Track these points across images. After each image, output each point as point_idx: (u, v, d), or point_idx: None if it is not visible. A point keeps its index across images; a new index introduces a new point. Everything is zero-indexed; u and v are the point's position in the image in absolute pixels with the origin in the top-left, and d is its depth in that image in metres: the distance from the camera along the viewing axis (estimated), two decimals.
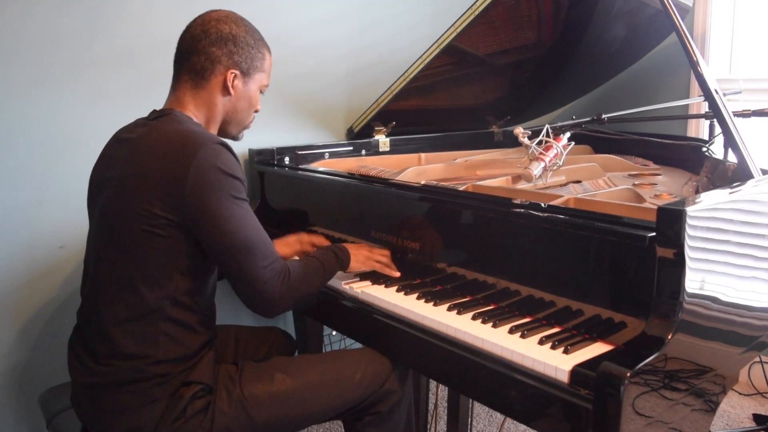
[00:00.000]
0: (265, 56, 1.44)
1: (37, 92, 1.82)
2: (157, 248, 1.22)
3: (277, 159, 2.13)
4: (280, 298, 1.29)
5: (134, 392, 1.24)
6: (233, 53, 1.36)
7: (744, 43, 2.69)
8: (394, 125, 2.38)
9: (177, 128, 1.28)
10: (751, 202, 1.28)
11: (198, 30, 1.35)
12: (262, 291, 1.26)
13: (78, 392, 1.34)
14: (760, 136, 2.39)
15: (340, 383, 1.41)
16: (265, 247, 1.28)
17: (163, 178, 1.21)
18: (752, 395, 2.58)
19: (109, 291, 1.25)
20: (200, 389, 1.29)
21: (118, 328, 1.24)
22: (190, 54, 1.35)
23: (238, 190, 1.25)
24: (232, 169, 1.25)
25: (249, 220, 1.26)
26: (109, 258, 1.26)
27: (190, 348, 1.29)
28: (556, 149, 1.73)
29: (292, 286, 1.31)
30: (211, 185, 1.21)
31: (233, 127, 1.46)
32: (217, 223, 1.22)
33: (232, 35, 1.36)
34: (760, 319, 1.30)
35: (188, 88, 1.37)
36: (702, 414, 1.19)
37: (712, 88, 1.45)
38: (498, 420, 2.39)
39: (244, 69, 1.39)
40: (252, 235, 1.26)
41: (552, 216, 1.28)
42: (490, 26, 2.07)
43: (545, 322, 1.27)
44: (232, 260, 1.25)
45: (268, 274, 1.27)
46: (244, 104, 1.43)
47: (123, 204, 1.24)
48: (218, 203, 1.21)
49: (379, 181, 1.73)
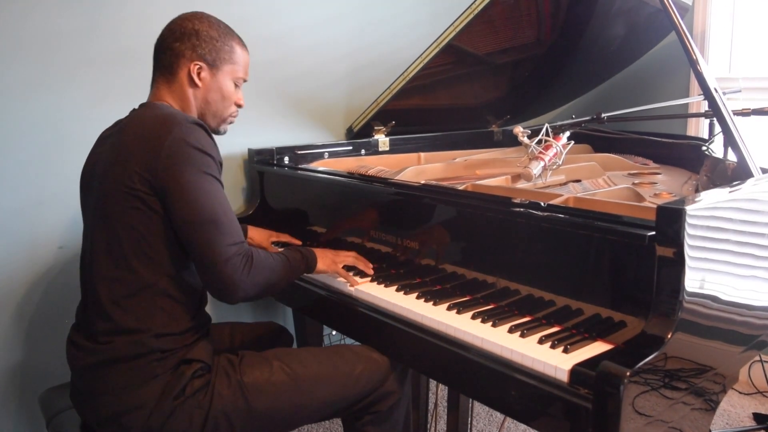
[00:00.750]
0: (233, 49, 1.47)
1: (37, 92, 1.82)
2: (144, 224, 1.27)
3: (276, 159, 2.13)
4: (240, 280, 1.28)
5: (135, 368, 1.27)
6: (196, 46, 1.41)
7: (743, 42, 2.69)
8: (393, 125, 2.38)
9: (155, 112, 1.33)
10: (751, 201, 1.28)
11: (166, 31, 1.44)
12: (222, 270, 1.26)
13: (77, 380, 1.35)
14: (759, 135, 2.39)
15: (339, 376, 1.41)
16: (232, 227, 1.29)
17: (141, 155, 1.25)
18: (752, 394, 2.58)
19: (106, 271, 1.29)
20: (200, 368, 1.32)
21: (116, 306, 1.28)
22: (159, 53, 1.43)
23: (210, 166, 1.28)
24: (205, 146, 1.28)
25: (219, 197, 1.28)
26: (103, 240, 1.30)
27: (186, 324, 1.33)
28: (556, 148, 1.73)
29: (254, 272, 1.30)
30: (183, 158, 1.25)
31: (210, 119, 1.48)
32: (185, 195, 1.24)
33: (195, 30, 1.41)
34: (759, 318, 1.30)
35: (162, 83, 1.43)
36: (702, 413, 1.19)
37: (711, 87, 1.45)
38: (498, 419, 2.39)
39: (209, 61, 1.42)
40: (219, 211, 1.27)
41: (551, 215, 1.28)
42: (490, 25, 2.07)
43: (545, 322, 1.27)
44: (196, 233, 1.25)
45: (231, 251, 1.27)
46: (216, 96, 1.46)
47: (110, 187, 1.28)
48: (188, 176, 1.25)
49: (378, 181, 1.73)
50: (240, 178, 2.26)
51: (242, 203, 2.27)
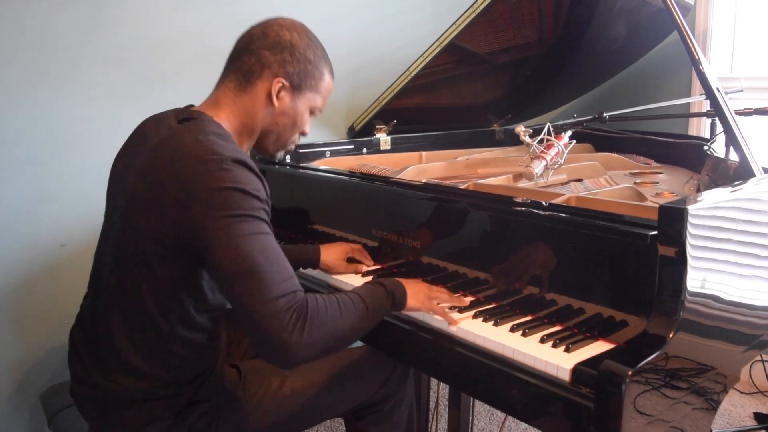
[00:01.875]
0: (323, 76, 1.32)
1: (37, 90, 1.82)
2: (166, 270, 1.15)
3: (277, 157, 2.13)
4: (292, 341, 1.05)
5: (139, 410, 1.21)
6: (287, 62, 1.26)
7: (746, 42, 2.69)
8: (395, 123, 2.38)
9: (197, 139, 1.15)
10: (753, 201, 1.27)
11: (258, 31, 1.28)
12: (268, 330, 1.04)
13: (79, 393, 1.31)
14: (761, 135, 2.39)
15: (342, 383, 1.41)
16: (277, 275, 1.08)
17: (173, 197, 1.11)
18: (753, 394, 2.58)
19: (122, 306, 1.19)
20: (207, 406, 1.27)
21: (130, 347, 1.19)
22: (242, 53, 1.27)
23: (252, 207, 1.10)
24: (248, 186, 1.11)
25: (258, 241, 1.08)
26: (123, 274, 1.19)
27: (202, 366, 1.27)
28: (558, 148, 1.73)
29: (311, 329, 1.07)
30: (217, 203, 1.08)
31: (271, 144, 1.34)
32: (218, 241, 1.07)
33: (291, 44, 1.26)
34: (761, 318, 1.30)
35: (231, 88, 1.27)
36: (703, 413, 1.19)
37: (713, 87, 1.45)
38: (499, 418, 2.39)
39: (295, 82, 1.27)
40: (259, 259, 1.06)
41: (553, 214, 1.27)
42: (492, 25, 2.07)
43: (546, 321, 1.27)
44: (232, 287, 1.07)
45: (278, 306, 1.05)
46: (287, 121, 1.31)
47: (136, 221, 1.17)
48: (221, 220, 1.07)
49: (380, 180, 1.73)
50: None
51: None
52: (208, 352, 1.28)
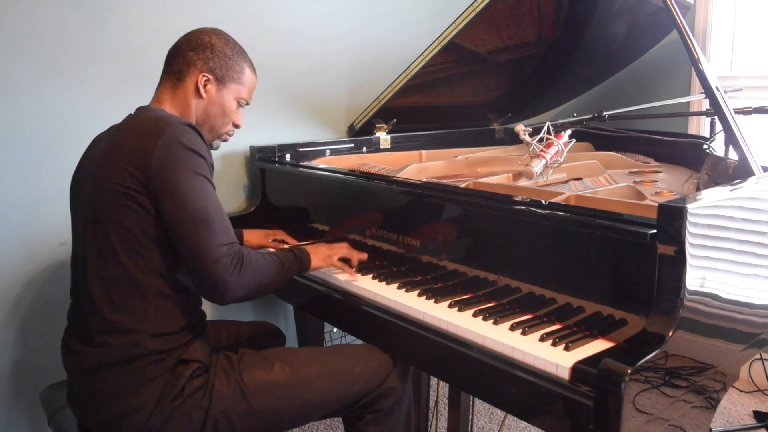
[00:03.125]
0: (243, 70, 1.51)
1: (37, 90, 1.82)
2: (136, 223, 1.27)
3: (278, 156, 2.13)
4: (230, 281, 1.27)
5: (131, 372, 1.27)
6: (208, 59, 1.45)
7: (745, 41, 2.69)
8: (395, 122, 2.38)
9: (149, 115, 1.36)
10: (752, 200, 1.28)
11: (183, 39, 1.48)
12: (212, 270, 1.25)
13: (74, 384, 1.35)
14: (761, 134, 2.39)
15: (339, 376, 1.41)
16: (223, 226, 1.29)
17: (133, 153, 1.27)
18: (753, 392, 2.59)
19: (99, 270, 1.29)
20: (197, 368, 1.32)
21: (110, 304, 1.28)
22: (172, 58, 1.47)
23: (201, 167, 1.29)
24: (197, 147, 1.30)
25: (210, 197, 1.29)
26: (95, 239, 1.30)
27: (182, 323, 1.33)
28: (557, 146, 1.73)
29: (244, 273, 1.30)
30: (175, 158, 1.26)
31: (206, 133, 1.49)
32: (176, 194, 1.25)
33: (211, 44, 1.46)
34: (760, 317, 1.30)
35: (168, 88, 1.46)
36: (702, 411, 1.19)
37: (713, 86, 1.45)
38: (499, 417, 2.39)
39: (218, 75, 1.46)
40: (211, 211, 1.27)
41: (553, 213, 1.28)
42: (492, 23, 2.07)
43: (546, 319, 1.27)
44: (186, 232, 1.25)
45: (222, 251, 1.26)
46: (217, 110, 1.49)
47: (100, 185, 1.29)
48: (180, 175, 1.26)
49: (380, 179, 1.73)
50: (241, 176, 2.26)
51: (244, 200, 2.27)
52: (189, 306, 1.36)
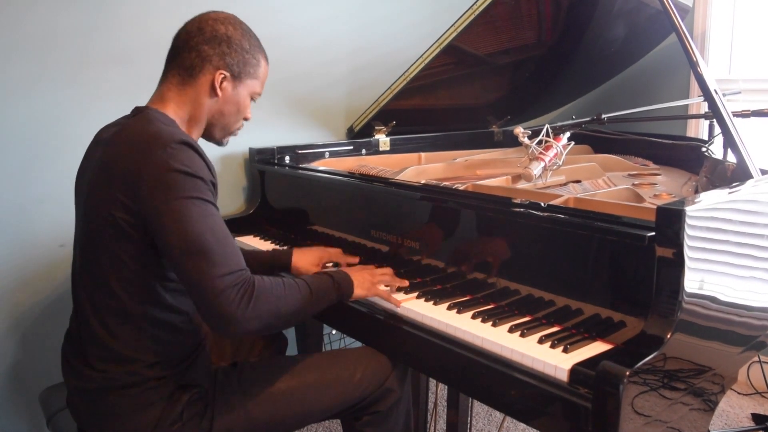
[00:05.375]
0: (260, 63, 1.40)
1: (37, 91, 1.82)
2: (127, 253, 1.19)
3: (277, 158, 2.14)
4: (236, 314, 1.13)
5: (129, 396, 1.23)
6: (225, 54, 1.32)
7: (744, 44, 2.70)
8: (394, 125, 2.38)
9: (144, 128, 1.22)
10: (750, 202, 1.28)
11: (194, 27, 1.33)
12: (215, 303, 1.12)
13: (73, 394, 1.34)
14: (759, 137, 2.40)
15: (339, 383, 1.41)
16: (225, 254, 1.15)
17: (122, 179, 1.17)
18: (751, 395, 2.59)
19: (94, 296, 1.24)
20: (196, 392, 1.29)
21: (107, 333, 1.23)
22: (182, 50, 1.33)
23: (197, 189, 1.16)
24: (191, 167, 1.16)
25: (208, 222, 1.15)
26: (89, 263, 1.25)
27: (181, 350, 1.29)
28: (556, 149, 1.74)
29: (255, 304, 1.16)
30: (165, 185, 1.14)
31: (218, 131, 1.41)
32: (168, 224, 1.13)
33: (227, 36, 1.33)
34: (758, 319, 1.30)
35: (175, 84, 1.33)
36: (701, 413, 1.19)
37: (711, 89, 1.45)
38: (497, 419, 2.39)
39: (235, 72, 1.34)
40: (209, 239, 1.13)
41: (552, 215, 1.28)
42: (491, 26, 2.08)
43: (545, 321, 1.27)
44: (183, 265, 1.13)
45: (225, 282, 1.12)
46: (231, 108, 1.38)
47: (95, 210, 1.22)
48: (171, 204, 1.13)
49: (379, 181, 1.74)
50: (241, 178, 2.27)
51: (243, 202, 2.28)
52: (186, 334, 1.30)
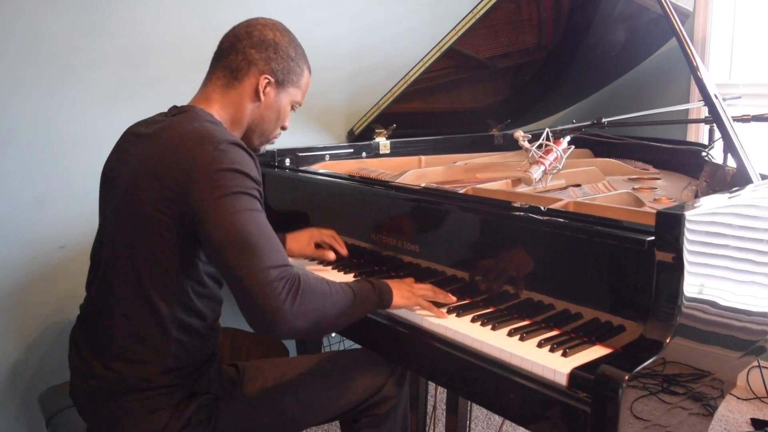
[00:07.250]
0: (303, 72, 1.42)
1: (41, 93, 1.82)
2: (164, 251, 1.18)
3: (277, 160, 2.14)
4: (283, 309, 1.09)
5: (138, 400, 1.22)
6: (271, 59, 1.34)
7: (744, 49, 2.70)
8: (394, 128, 2.39)
9: (193, 126, 1.22)
10: (750, 207, 1.28)
11: (242, 30, 1.35)
12: (261, 297, 1.07)
13: (78, 389, 1.32)
14: (759, 141, 2.40)
15: (338, 385, 1.41)
16: (271, 248, 1.12)
17: (171, 177, 1.16)
18: (750, 400, 2.59)
19: (121, 294, 1.22)
20: (205, 399, 1.28)
21: (129, 332, 1.21)
22: (229, 52, 1.34)
23: (247, 186, 1.16)
24: (240, 164, 1.16)
25: (252, 216, 1.14)
26: (122, 261, 1.22)
27: (199, 356, 1.29)
28: (556, 153, 1.74)
29: (302, 300, 1.11)
30: (216, 183, 1.13)
31: (257, 137, 1.41)
32: (213, 218, 1.12)
33: (275, 42, 1.35)
34: (758, 324, 1.30)
35: (219, 85, 1.34)
36: (700, 418, 1.19)
37: (711, 93, 1.46)
38: (496, 423, 2.39)
39: (279, 78, 1.36)
40: (253, 231, 1.11)
41: (551, 219, 1.28)
42: (491, 30, 2.08)
43: (544, 325, 1.27)
44: (228, 259, 1.10)
45: (271, 275, 1.09)
46: (272, 115, 1.39)
47: (136, 206, 1.19)
48: (220, 199, 1.12)
49: (379, 184, 1.74)
50: None
51: None
52: (206, 340, 1.30)
